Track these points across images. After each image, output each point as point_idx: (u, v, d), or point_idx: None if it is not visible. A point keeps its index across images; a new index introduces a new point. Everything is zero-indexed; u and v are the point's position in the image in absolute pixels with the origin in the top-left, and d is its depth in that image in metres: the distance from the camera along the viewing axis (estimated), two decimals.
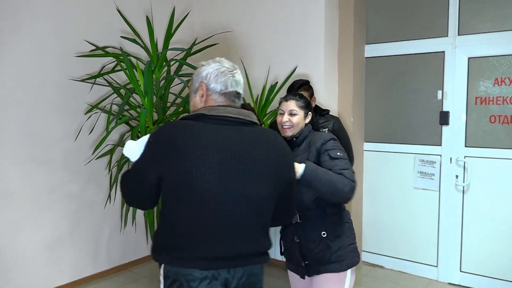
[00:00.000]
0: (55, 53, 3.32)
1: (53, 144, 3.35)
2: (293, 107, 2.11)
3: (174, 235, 1.48)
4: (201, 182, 1.42)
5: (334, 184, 1.84)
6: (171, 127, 1.50)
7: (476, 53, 3.38)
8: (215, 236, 1.46)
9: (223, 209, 1.45)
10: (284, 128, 2.10)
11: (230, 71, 1.67)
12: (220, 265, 1.47)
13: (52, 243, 3.39)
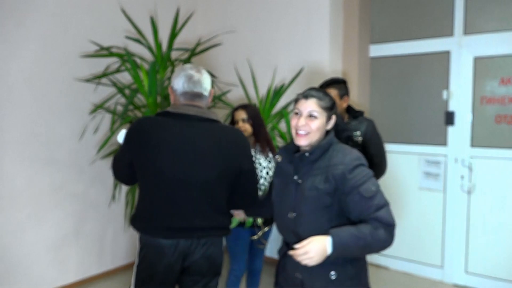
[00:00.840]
0: (60, 53, 3.33)
1: (58, 144, 3.36)
2: (313, 108, 1.65)
3: (144, 208, 1.88)
4: (158, 165, 1.80)
5: (370, 247, 1.55)
6: (143, 120, 1.89)
7: (482, 53, 3.36)
8: (172, 210, 1.82)
9: (177, 188, 1.80)
10: (299, 134, 1.67)
11: (190, 75, 1.90)
12: (179, 235, 1.81)
13: (57, 243, 3.41)
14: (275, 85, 3.75)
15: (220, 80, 3.87)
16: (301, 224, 1.65)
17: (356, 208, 1.58)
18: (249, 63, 3.87)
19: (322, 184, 1.60)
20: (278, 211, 1.79)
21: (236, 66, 4.01)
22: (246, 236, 2.65)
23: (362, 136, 2.63)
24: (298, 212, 1.66)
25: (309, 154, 1.65)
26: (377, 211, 1.55)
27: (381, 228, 1.54)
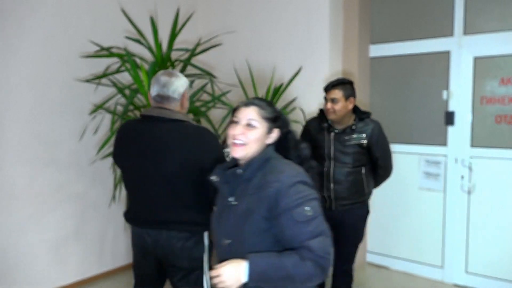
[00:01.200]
0: (60, 54, 3.34)
1: (58, 144, 3.37)
2: (253, 116, 1.51)
3: (127, 201, 2.25)
4: (127, 163, 2.09)
5: (292, 279, 1.35)
6: (122, 125, 2.19)
7: (482, 53, 3.36)
8: (140, 203, 2.06)
9: (142, 183, 2.01)
10: (235, 144, 1.50)
11: (159, 79, 2.04)
12: (146, 226, 2.03)
13: (57, 243, 3.41)
14: (275, 85, 3.75)
15: (220, 80, 3.87)
16: (237, 252, 1.44)
17: (287, 233, 1.38)
18: (248, 63, 3.87)
19: (257, 205, 1.42)
20: (215, 239, 1.62)
21: (235, 66, 4.01)
22: None
23: (368, 138, 2.60)
24: (233, 239, 1.48)
25: (243, 171, 1.49)
26: (310, 240, 1.35)
27: (309, 261, 1.33)
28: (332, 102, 2.54)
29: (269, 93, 3.58)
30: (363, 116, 2.65)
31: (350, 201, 2.63)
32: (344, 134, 2.60)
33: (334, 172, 2.60)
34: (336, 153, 2.59)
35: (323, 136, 2.64)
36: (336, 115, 2.56)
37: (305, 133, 2.78)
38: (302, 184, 1.43)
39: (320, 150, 2.63)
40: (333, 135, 2.61)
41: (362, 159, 2.63)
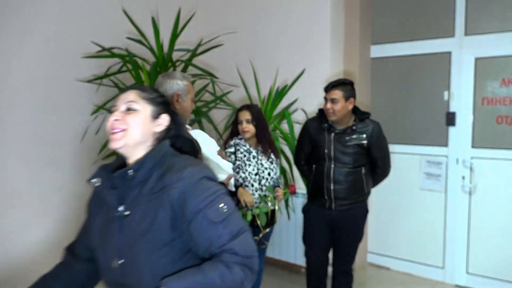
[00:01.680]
0: (62, 54, 3.34)
1: (60, 144, 3.37)
2: (132, 98, 1.27)
3: None
4: None
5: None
6: None
7: (483, 54, 3.36)
8: None
9: None
10: (113, 134, 1.26)
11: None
12: None
13: (60, 243, 3.40)
14: (277, 86, 3.75)
15: (221, 80, 3.87)
16: (132, 273, 1.19)
17: (203, 239, 1.16)
18: (251, 63, 3.88)
19: (157, 212, 1.18)
20: (100, 260, 1.32)
21: (238, 67, 4.02)
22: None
23: (368, 139, 2.60)
24: (126, 258, 1.20)
25: (133, 171, 1.21)
26: (232, 241, 1.15)
27: (236, 265, 1.13)
28: (332, 103, 2.55)
29: (271, 94, 3.59)
30: (363, 116, 2.65)
31: (349, 201, 2.64)
32: (345, 134, 2.60)
33: (334, 172, 2.61)
34: (336, 153, 2.60)
35: (323, 136, 2.64)
36: (336, 115, 2.56)
37: (304, 133, 2.78)
38: (208, 180, 1.21)
39: (320, 150, 2.64)
40: (333, 135, 2.62)
41: (362, 159, 2.63)
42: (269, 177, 2.62)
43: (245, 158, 2.61)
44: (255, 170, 2.60)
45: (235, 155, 2.62)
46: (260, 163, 2.62)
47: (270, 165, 2.65)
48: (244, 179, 2.59)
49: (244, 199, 2.49)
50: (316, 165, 2.69)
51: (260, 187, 2.60)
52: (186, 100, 2.10)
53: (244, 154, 2.62)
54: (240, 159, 2.61)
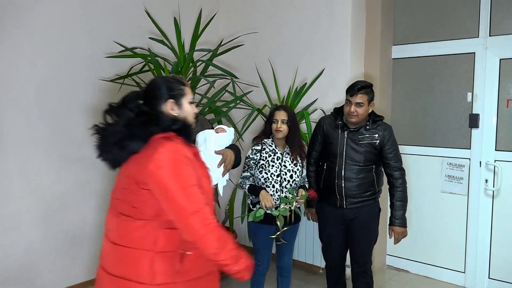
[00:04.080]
0: (86, 54, 3.41)
1: (84, 142, 3.43)
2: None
3: None
4: None
5: None
6: None
7: (508, 54, 3.29)
8: None
9: None
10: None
11: None
12: None
13: (81, 239, 3.48)
14: (296, 85, 3.75)
15: (241, 80, 3.89)
16: None
17: None
18: (270, 63, 3.88)
19: None
20: None
21: (257, 67, 4.03)
22: (267, 232, 2.67)
23: (380, 139, 2.64)
24: None
25: None
26: None
27: None
28: (357, 106, 2.57)
29: (290, 94, 3.59)
30: (376, 118, 2.70)
31: (360, 199, 2.65)
32: (358, 133, 2.64)
33: (345, 170, 2.63)
34: (348, 151, 2.63)
35: (337, 133, 2.69)
36: (359, 118, 2.60)
37: (317, 129, 2.82)
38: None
39: (332, 147, 2.69)
40: (346, 133, 2.65)
41: (373, 159, 2.65)
42: (291, 179, 2.63)
43: (269, 159, 2.63)
44: (277, 171, 2.61)
45: (261, 153, 2.64)
46: (284, 165, 2.63)
47: (294, 167, 2.66)
48: (265, 180, 2.60)
49: (265, 203, 2.49)
50: (327, 163, 2.72)
51: (281, 188, 2.61)
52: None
53: (269, 154, 2.64)
54: (265, 159, 2.62)
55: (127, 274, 1.59)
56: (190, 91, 1.79)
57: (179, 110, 1.73)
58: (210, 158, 2.28)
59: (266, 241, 2.70)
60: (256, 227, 2.69)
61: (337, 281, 2.95)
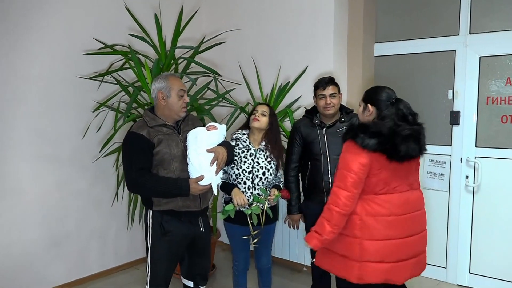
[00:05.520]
0: (64, 51, 3.32)
1: (61, 141, 3.36)
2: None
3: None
4: None
5: None
6: None
7: (488, 52, 3.33)
8: None
9: None
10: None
11: None
12: None
13: (59, 240, 3.40)
14: (280, 83, 3.73)
15: (224, 78, 3.85)
16: None
17: None
18: (253, 61, 3.85)
19: None
20: None
21: (240, 64, 3.99)
22: (241, 232, 2.65)
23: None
24: None
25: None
26: None
27: None
28: (331, 97, 2.70)
29: (274, 91, 3.56)
30: (348, 111, 2.84)
31: None
32: (335, 127, 2.75)
33: (331, 165, 2.69)
34: (331, 146, 2.70)
35: (316, 132, 2.76)
36: (335, 109, 2.72)
37: (293, 134, 2.85)
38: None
39: (314, 146, 2.74)
40: (325, 130, 2.75)
41: None
42: (263, 176, 2.59)
43: (242, 155, 2.59)
44: (249, 168, 2.57)
45: (233, 152, 2.60)
46: (257, 162, 2.59)
47: (268, 164, 2.62)
48: (237, 176, 2.56)
49: (237, 200, 2.47)
50: (312, 162, 2.76)
51: (253, 185, 2.57)
52: (171, 96, 2.29)
53: (242, 150, 2.60)
54: (237, 155, 2.59)
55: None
56: None
57: None
58: (202, 157, 2.27)
59: (241, 241, 2.68)
60: (231, 227, 2.67)
61: (322, 276, 2.98)
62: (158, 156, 2.25)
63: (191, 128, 2.39)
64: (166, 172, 2.26)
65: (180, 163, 2.29)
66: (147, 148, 2.22)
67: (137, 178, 2.21)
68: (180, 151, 2.30)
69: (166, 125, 2.32)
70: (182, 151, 2.30)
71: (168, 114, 2.33)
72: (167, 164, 2.26)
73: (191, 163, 2.26)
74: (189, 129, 2.38)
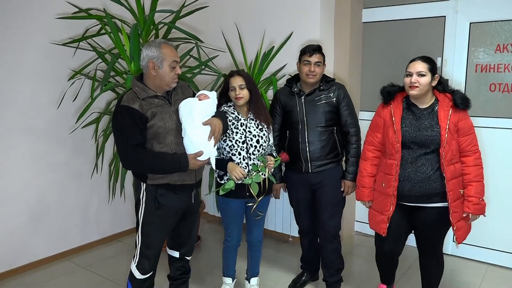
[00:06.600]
0: (35, 15, 3.12)
1: (35, 112, 3.20)
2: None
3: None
4: None
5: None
6: None
7: (478, 18, 3.24)
8: None
9: None
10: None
11: None
12: None
13: (39, 214, 3.30)
14: (264, 50, 3.60)
15: (206, 44, 3.69)
16: None
17: None
18: (237, 26, 3.69)
19: None
20: None
21: (223, 30, 3.83)
22: (236, 206, 2.58)
23: (336, 97, 2.71)
24: None
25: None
26: None
27: None
28: (316, 65, 2.65)
29: (258, 58, 3.43)
30: (328, 79, 2.78)
31: (325, 161, 2.70)
32: (314, 95, 2.71)
33: (308, 134, 2.68)
34: (308, 114, 2.69)
35: (294, 100, 2.73)
36: (317, 78, 2.67)
37: (274, 103, 2.85)
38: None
39: (293, 115, 2.73)
40: (303, 98, 2.71)
41: (333, 118, 2.71)
42: (257, 144, 2.51)
43: (232, 126, 2.50)
44: (242, 138, 2.48)
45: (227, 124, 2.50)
46: (249, 131, 2.50)
47: (260, 132, 2.53)
48: (231, 148, 2.48)
49: (236, 174, 2.38)
50: (290, 130, 2.76)
51: (248, 155, 2.49)
52: (163, 67, 2.14)
53: (233, 122, 2.50)
54: (228, 127, 2.49)
55: None
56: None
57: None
58: (199, 131, 2.21)
59: (236, 215, 2.62)
60: (225, 201, 2.58)
61: (310, 245, 3.00)
62: (152, 130, 2.14)
63: (182, 97, 2.29)
64: (161, 147, 2.17)
65: (175, 137, 2.20)
66: (140, 122, 2.11)
67: (133, 156, 2.11)
68: (174, 123, 2.20)
69: (158, 96, 2.20)
70: (176, 124, 2.21)
71: (159, 85, 2.19)
72: (162, 138, 2.17)
73: (188, 138, 2.19)
74: (180, 98, 2.28)
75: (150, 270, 2.33)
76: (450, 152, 2.24)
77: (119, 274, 3.21)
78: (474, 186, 2.27)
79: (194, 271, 3.09)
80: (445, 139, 2.22)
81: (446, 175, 2.25)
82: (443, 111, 2.27)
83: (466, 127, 2.28)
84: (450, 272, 3.28)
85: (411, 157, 2.32)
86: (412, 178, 2.32)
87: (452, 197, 2.27)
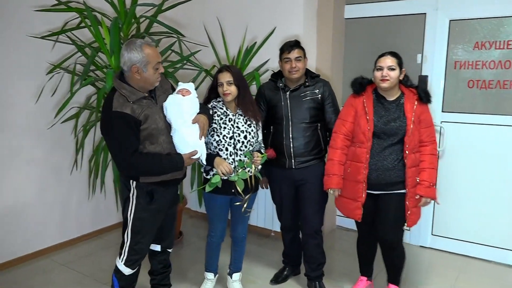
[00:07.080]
0: (12, 7, 3.04)
1: (13, 106, 3.13)
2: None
3: None
4: None
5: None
6: None
7: (458, 16, 3.29)
8: None
9: None
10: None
11: None
12: None
13: (16, 211, 3.23)
14: (247, 45, 3.58)
15: (188, 39, 3.66)
16: None
17: None
18: (219, 21, 3.67)
19: None
20: None
21: (205, 25, 3.80)
22: (221, 202, 2.57)
23: (321, 94, 2.72)
24: None
25: None
26: None
27: None
28: (296, 61, 2.64)
29: (240, 53, 3.42)
30: (313, 75, 2.79)
31: (308, 158, 2.71)
32: (299, 91, 2.72)
33: (292, 130, 2.68)
34: (293, 110, 2.69)
35: (279, 96, 2.73)
36: (300, 73, 2.67)
37: (258, 98, 2.85)
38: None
39: (277, 110, 2.73)
40: (288, 94, 2.71)
41: (318, 115, 2.72)
42: (245, 140, 2.50)
43: (221, 121, 2.49)
44: (230, 133, 2.48)
45: (212, 117, 2.49)
46: (237, 126, 2.50)
47: (248, 128, 2.52)
48: (218, 143, 2.47)
49: (222, 169, 2.38)
50: (274, 125, 2.76)
51: (235, 151, 2.48)
52: (147, 70, 2.12)
53: (221, 117, 2.49)
54: (216, 122, 2.48)
55: None
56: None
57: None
58: (190, 130, 2.25)
59: (220, 211, 2.62)
60: (210, 197, 2.57)
61: (292, 241, 3.01)
62: (146, 132, 2.15)
63: (162, 91, 2.30)
64: (154, 147, 2.20)
65: (166, 136, 2.24)
66: (135, 127, 2.11)
67: (132, 163, 2.12)
68: (163, 122, 2.23)
69: (145, 97, 2.19)
70: (165, 122, 2.24)
71: (143, 86, 2.18)
72: (155, 139, 2.19)
73: (182, 138, 2.24)
74: (161, 93, 2.29)
75: (138, 265, 2.37)
76: (413, 142, 2.40)
77: (100, 271, 3.17)
78: (427, 172, 2.44)
79: (176, 267, 3.09)
80: (410, 129, 2.38)
81: (407, 162, 2.41)
82: (409, 103, 2.42)
83: (427, 119, 2.47)
84: (428, 265, 3.35)
85: (380, 147, 2.45)
86: (379, 166, 2.44)
87: (411, 183, 2.43)
